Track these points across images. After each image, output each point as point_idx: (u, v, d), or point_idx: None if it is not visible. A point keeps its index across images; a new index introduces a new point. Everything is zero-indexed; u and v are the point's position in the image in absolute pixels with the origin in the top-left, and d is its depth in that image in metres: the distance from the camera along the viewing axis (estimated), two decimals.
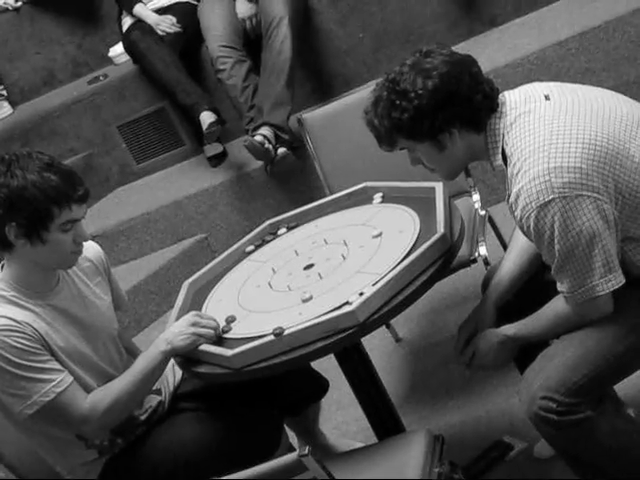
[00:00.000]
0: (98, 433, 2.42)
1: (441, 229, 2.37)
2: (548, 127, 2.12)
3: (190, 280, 2.74)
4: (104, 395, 2.37)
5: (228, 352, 2.26)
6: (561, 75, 4.00)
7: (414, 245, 2.40)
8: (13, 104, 5.28)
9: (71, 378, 2.33)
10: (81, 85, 5.05)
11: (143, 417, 2.52)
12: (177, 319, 2.53)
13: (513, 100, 2.21)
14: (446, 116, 2.15)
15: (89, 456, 2.46)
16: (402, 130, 2.19)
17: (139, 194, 4.78)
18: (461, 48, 4.45)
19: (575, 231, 2.06)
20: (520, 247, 2.43)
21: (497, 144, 2.20)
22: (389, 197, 2.76)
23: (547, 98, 2.18)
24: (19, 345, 2.26)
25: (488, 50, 4.33)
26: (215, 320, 2.40)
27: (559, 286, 2.17)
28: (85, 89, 4.94)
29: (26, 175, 2.26)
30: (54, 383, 2.29)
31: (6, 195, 2.25)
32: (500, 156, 2.20)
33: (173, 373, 2.68)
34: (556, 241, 2.08)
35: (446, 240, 2.36)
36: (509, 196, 2.16)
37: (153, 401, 2.56)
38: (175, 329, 2.38)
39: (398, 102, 2.16)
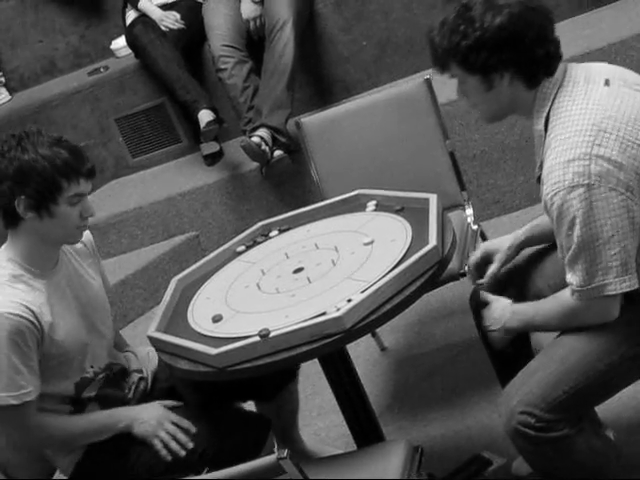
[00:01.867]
0: (30, 447, 2.47)
1: (433, 241, 2.37)
2: (600, 113, 2.09)
3: (179, 277, 2.74)
4: (55, 422, 2.43)
5: (212, 350, 2.25)
6: None
7: (405, 255, 2.40)
8: (12, 91, 5.27)
9: (37, 394, 2.35)
10: (81, 76, 5.05)
11: (130, 395, 2.57)
12: (163, 315, 2.53)
13: (574, 73, 2.19)
14: (503, 57, 2.12)
15: (62, 411, 2.48)
16: (457, 56, 2.16)
17: (133, 188, 4.78)
18: None
19: (600, 222, 2.04)
20: None
21: (544, 108, 2.17)
22: (382, 205, 2.76)
23: (607, 83, 2.16)
24: (18, 339, 2.28)
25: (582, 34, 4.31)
26: (189, 438, 2.44)
27: (569, 277, 2.14)
28: (85, 80, 4.93)
29: (37, 149, 2.31)
30: (27, 391, 2.33)
31: (17, 167, 2.30)
32: (543, 121, 2.17)
33: (149, 358, 2.72)
34: (578, 227, 2.06)
35: (437, 252, 2.36)
36: (540, 166, 2.15)
37: (135, 377, 2.61)
38: (144, 412, 2.46)
39: (463, 27, 2.13)
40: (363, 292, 2.25)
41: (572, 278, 2.13)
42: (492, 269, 2.49)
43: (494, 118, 2.30)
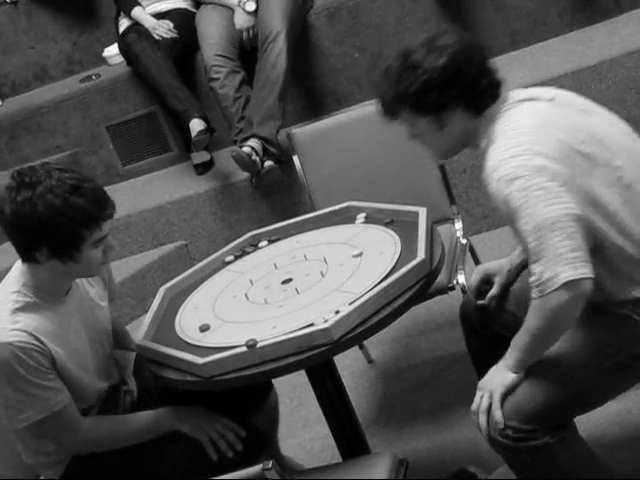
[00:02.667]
0: (80, 453, 2.46)
1: (422, 254, 2.38)
2: (542, 120, 2.16)
3: (167, 285, 2.74)
4: (103, 427, 2.44)
5: (199, 360, 2.25)
6: None
7: (394, 267, 2.41)
8: (3, 97, 5.27)
9: (69, 398, 2.35)
10: (73, 83, 5.04)
11: (115, 409, 2.56)
12: (151, 323, 2.53)
13: (519, 95, 2.25)
14: (451, 94, 2.18)
15: (65, 455, 2.47)
16: (407, 102, 2.22)
17: (123, 196, 4.77)
18: None
19: (542, 211, 2.05)
20: None
21: (489, 126, 2.21)
22: (372, 218, 2.76)
23: (550, 101, 2.22)
24: (33, 364, 2.27)
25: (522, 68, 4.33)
26: (238, 442, 2.44)
27: (531, 279, 2.13)
28: (77, 87, 4.93)
29: (54, 203, 2.20)
30: (53, 402, 2.32)
31: (34, 225, 2.22)
32: (486, 139, 2.22)
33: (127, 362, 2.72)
34: (521, 217, 2.08)
35: (426, 265, 2.37)
36: (484, 170, 2.18)
37: (121, 391, 2.59)
38: (192, 414, 2.46)
39: (407, 74, 2.20)
40: (351, 304, 2.26)
41: (532, 276, 2.12)
42: (493, 292, 2.52)
43: (448, 154, 2.37)
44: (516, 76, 4.27)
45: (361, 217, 2.79)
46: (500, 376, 2.23)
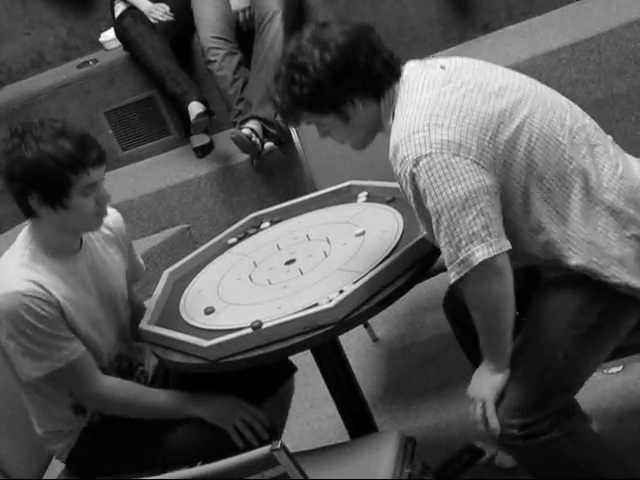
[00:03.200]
0: (95, 409, 2.47)
1: (423, 231, 2.37)
2: (437, 88, 2.11)
3: (170, 269, 2.74)
4: (125, 389, 2.45)
5: (204, 343, 2.25)
6: (551, 84, 4.00)
7: (396, 245, 2.40)
8: (0, 85, 5.25)
9: (84, 349, 2.38)
10: (70, 69, 5.03)
11: None
12: (155, 308, 2.53)
13: (411, 69, 2.20)
14: (346, 87, 2.14)
15: (76, 423, 2.49)
16: (303, 104, 2.18)
17: (123, 181, 4.77)
18: (453, 52, 4.46)
19: (450, 189, 2.01)
20: None
21: (391, 106, 2.18)
22: (374, 196, 2.76)
23: (442, 67, 2.18)
24: (41, 312, 2.30)
25: (480, 56, 4.27)
26: (264, 432, 2.44)
27: (446, 261, 2.09)
28: (74, 73, 4.92)
29: (40, 146, 2.26)
30: (68, 352, 2.35)
31: (23, 168, 2.28)
32: (391, 115, 2.18)
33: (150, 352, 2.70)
34: (429, 198, 2.04)
35: (428, 242, 2.36)
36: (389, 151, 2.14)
37: (137, 371, 2.60)
38: (216, 402, 2.45)
39: (297, 76, 2.15)
40: (355, 283, 2.25)
41: (444, 254, 2.08)
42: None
43: (363, 144, 2.31)
44: (515, 50, 4.26)
45: (363, 196, 2.79)
46: (488, 382, 2.19)
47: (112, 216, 2.57)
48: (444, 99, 2.09)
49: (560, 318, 2.17)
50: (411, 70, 2.20)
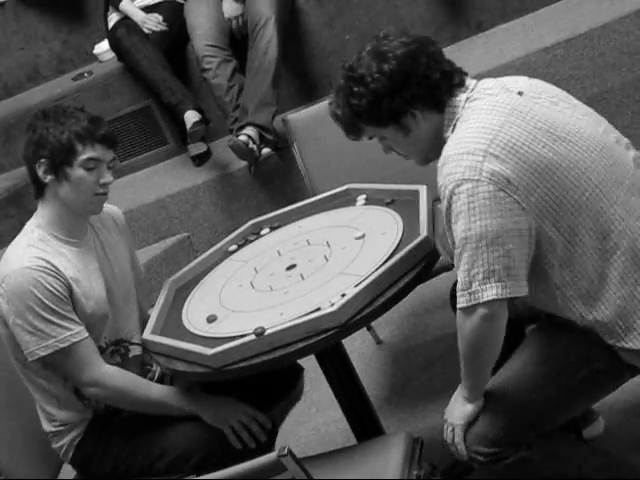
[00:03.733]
0: (91, 395, 2.49)
1: (424, 232, 2.38)
2: (505, 115, 2.06)
3: (172, 278, 2.74)
4: (124, 378, 2.47)
5: (208, 351, 2.25)
6: (546, 81, 4.00)
7: (397, 247, 2.40)
8: None
9: (87, 334, 2.43)
10: (65, 82, 5.04)
11: None
12: (158, 317, 2.53)
13: (487, 85, 2.16)
14: (405, 97, 2.11)
15: (84, 414, 2.52)
16: (362, 116, 2.16)
17: (122, 192, 4.75)
18: (447, 52, 4.43)
19: (485, 222, 1.99)
20: None
21: (454, 117, 2.13)
22: (372, 199, 2.76)
23: (520, 94, 2.13)
24: (50, 288, 2.37)
25: (474, 55, 4.34)
26: (262, 434, 2.47)
27: (459, 285, 2.07)
28: (69, 86, 4.92)
29: (59, 117, 2.45)
30: (72, 332, 2.40)
31: (39, 134, 2.44)
32: (451, 129, 2.14)
33: None
34: (462, 222, 2.01)
35: (429, 243, 2.36)
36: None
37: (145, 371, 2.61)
38: (216, 402, 2.48)
39: (356, 89, 2.13)
40: (357, 286, 2.25)
41: (459, 279, 2.06)
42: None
43: (427, 158, 2.25)
44: (509, 48, 4.26)
45: (361, 199, 2.79)
46: (460, 409, 2.21)
47: (114, 210, 2.72)
48: (508, 131, 2.03)
49: (553, 363, 2.17)
50: (488, 86, 2.15)
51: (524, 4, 4.47)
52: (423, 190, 2.59)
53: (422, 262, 2.33)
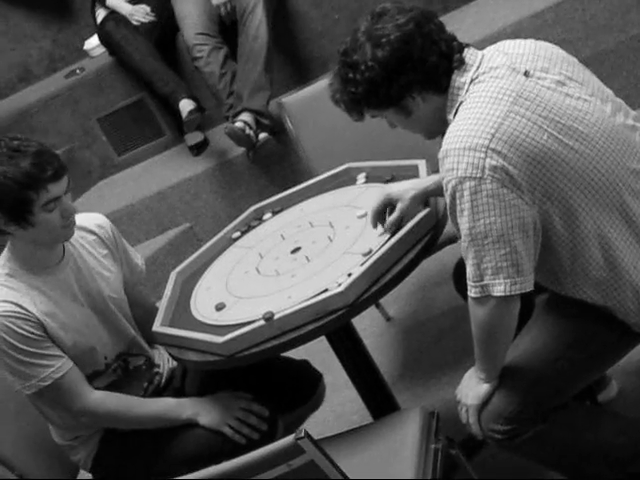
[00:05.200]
0: (86, 423, 2.48)
1: (427, 206, 2.37)
2: (508, 105, 2.00)
3: (178, 269, 2.74)
4: (113, 402, 2.45)
5: (219, 339, 2.25)
6: None
7: (400, 223, 2.40)
8: None
9: (70, 364, 2.40)
10: (58, 80, 5.02)
11: (142, 392, 2.58)
12: (166, 308, 2.53)
13: (492, 61, 2.09)
14: (401, 83, 2.07)
15: (91, 429, 2.52)
16: (361, 102, 2.14)
17: (122, 186, 4.76)
18: None
19: (490, 220, 1.97)
20: None
21: (457, 99, 2.09)
22: (373, 177, 2.75)
23: (526, 74, 2.07)
24: (21, 331, 2.33)
25: (465, 25, 4.32)
26: (262, 423, 2.46)
27: (469, 275, 2.06)
28: (62, 83, 4.91)
29: None
30: (53, 369, 2.37)
31: None
32: (454, 110, 2.09)
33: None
34: (466, 219, 1.99)
35: (432, 217, 2.36)
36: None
37: (152, 372, 2.62)
38: (210, 403, 2.46)
39: (351, 75, 2.10)
40: (362, 265, 2.25)
41: (468, 272, 2.06)
42: (393, 218, 2.37)
43: (433, 133, 2.23)
44: (499, 16, 4.24)
45: (362, 177, 2.78)
46: (474, 389, 2.21)
47: (95, 220, 2.60)
48: (511, 123, 1.98)
49: (563, 338, 2.17)
50: (493, 63, 2.08)
51: None
52: (422, 164, 2.58)
53: (426, 236, 2.33)
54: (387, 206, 2.40)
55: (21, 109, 4.90)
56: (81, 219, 2.51)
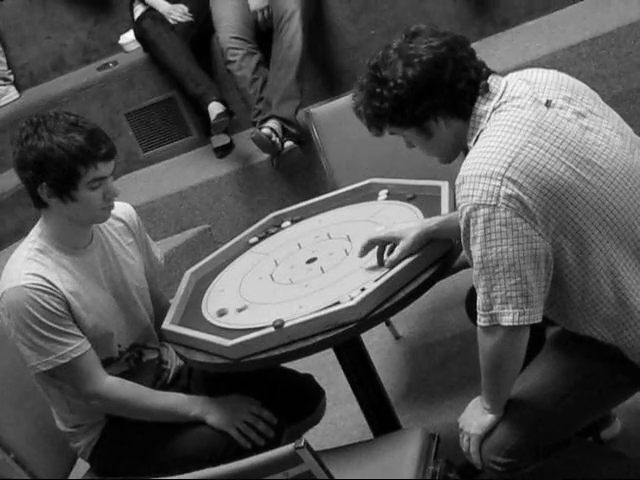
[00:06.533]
0: (95, 407, 2.48)
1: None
2: (527, 136, 2.00)
3: (192, 269, 2.75)
4: (126, 389, 2.46)
5: (227, 342, 2.25)
6: None
7: None
8: (22, 88, 5.28)
9: (89, 346, 2.41)
10: (90, 71, 5.05)
11: (149, 385, 2.57)
12: (177, 307, 2.54)
13: (515, 90, 2.09)
14: (427, 105, 2.07)
15: (96, 416, 2.52)
16: (384, 117, 2.13)
17: (144, 182, 4.79)
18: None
19: (501, 248, 1.96)
20: None
21: (478, 127, 2.09)
22: (394, 194, 2.76)
23: (547, 105, 2.07)
24: (47, 306, 2.35)
25: (499, 52, 4.32)
26: (269, 430, 2.47)
27: (478, 303, 2.05)
28: (94, 75, 4.94)
29: (52, 137, 2.32)
30: (71, 348, 2.38)
31: (35, 157, 2.33)
32: (474, 139, 2.09)
33: None
34: (478, 247, 1.99)
35: (449, 240, 2.36)
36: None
37: (160, 369, 2.63)
38: (220, 404, 2.47)
39: (378, 90, 2.10)
40: (376, 281, 2.25)
41: (478, 298, 2.05)
42: (395, 256, 2.32)
43: (450, 158, 2.24)
44: (534, 46, 4.24)
45: (383, 194, 2.79)
46: (479, 419, 2.20)
47: (123, 209, 2.63)
48: (529, 153, 1.97)
49: (572, 375, 2.16)
50: (516, 92, 2.08)
51: (550, 1, 4.46)
52: (445, 186, 2.58)
53: (442, 259, 2.33)
54: (389, 242, 2.38)
55: (51, 97, 4.93)
56: None
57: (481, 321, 2.05)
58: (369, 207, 2.74)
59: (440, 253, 2.33)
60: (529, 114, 2.04)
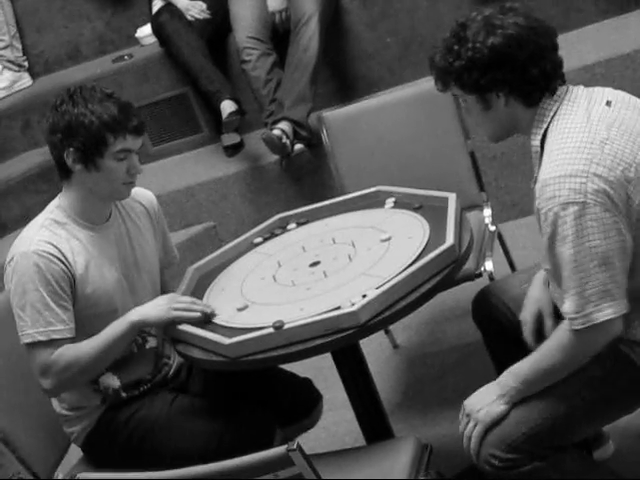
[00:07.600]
0: (56, 389, 2.44)
1: (450, 239, 2.37)
2: (601, 132, 2.06)
3: (195, 266, 2.75)
4: (69, 351, 2.40)
5: (226, 340, 2.26)
6: None
7: (422, 252, 2.40)
8: (35, 75, 5.29)
9: (71, 335, 2.38)
10: (105, 63, 5.06)
11: (149, 376, 2.58)
12: None
13: (576, 93, 2.16)
14: (496, 77, 2.11)
15: (93, 400, 2.52)
16: (452, 75, 2.17)
17: (152, 177, 4.78)
18: None
19: (594, 243, 2.00)
20: None
21: (542, 124, 2.14)
22: (401, 203, 2.76)
23: (608, 104, 2.13)
24: (49, 276, 2.35)
25: None
26: (201, 304, 2.45)
27: (565, 307, 2.07)
28: (109, 67, 4.95)
29: (87, 103, 2.39)
30: (53, 329, 2.36)
31: (67, 121, 2.39)
32: (540, 137, 2.14)
33: None
34: (570, 245, 2.01)
35: (454, 251, 2.36)
36: (536, 180, 2.11)
37: (161, 362, 2.63)
38: (150, 303, 2.44)
39: (456, 47, 2.14)
40: (378, 288, 2.26)
41: (567, 306, 2.06)
42: (549, 325, 2.32)
43: (497, 138, 2.28)
44: None
45: (390, 202, 2.79)
46: (489, 406, 2.20)
47: (146, 195, 2.68)
48: (606, 148, 2.03)
49: (580, 376, 2.16)
50: (577, 95, 2.15)
51: (567, 21, 4.45)
52: (452, 198, 2.59)
53: (445, 270, 2.33)
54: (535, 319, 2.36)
55: (65, 86, 4.84)
56: (134, 190, 2.57)
57: (575, 325, 2.05)
58: (375, 214, 2.75)
59: (444, 264, 2.33)
60: (596, 113, 2.10)
